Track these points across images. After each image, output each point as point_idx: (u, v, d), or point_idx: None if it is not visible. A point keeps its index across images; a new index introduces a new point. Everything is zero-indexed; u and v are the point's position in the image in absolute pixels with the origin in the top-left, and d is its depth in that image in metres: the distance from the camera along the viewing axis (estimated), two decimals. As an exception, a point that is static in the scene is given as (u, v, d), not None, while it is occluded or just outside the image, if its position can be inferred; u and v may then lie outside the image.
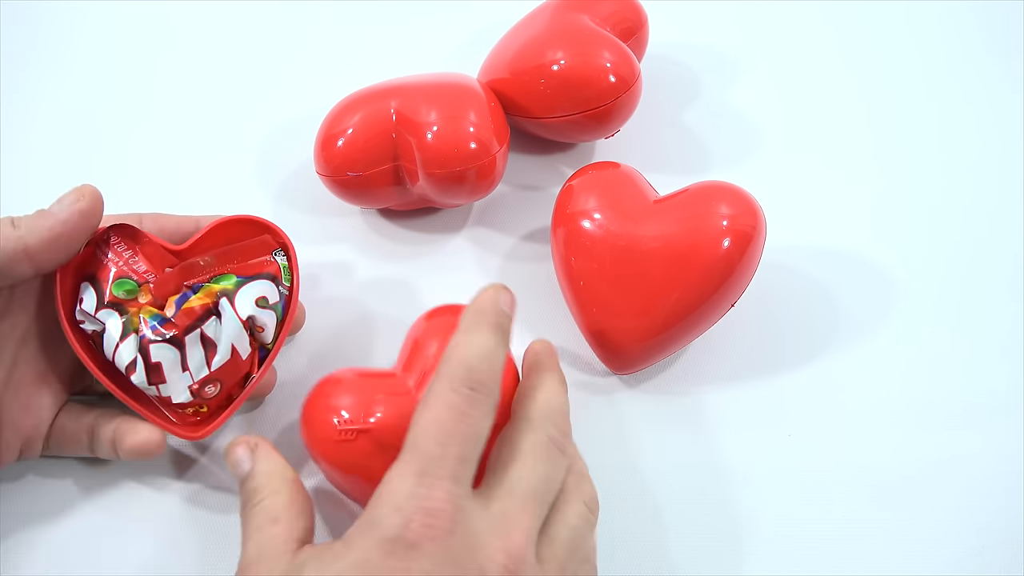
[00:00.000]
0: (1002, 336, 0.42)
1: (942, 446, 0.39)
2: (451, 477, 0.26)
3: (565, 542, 0.29)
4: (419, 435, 0.27)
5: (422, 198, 0.42)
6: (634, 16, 0.44)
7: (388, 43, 0.52)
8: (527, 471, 0.29)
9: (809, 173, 0.47)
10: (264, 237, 0.36)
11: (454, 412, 0.27)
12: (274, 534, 0.28)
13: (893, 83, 0.51)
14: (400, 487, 0.26)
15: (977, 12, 0.53)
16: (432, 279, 0.43)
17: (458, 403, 0.28)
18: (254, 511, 0.29)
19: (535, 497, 0.28)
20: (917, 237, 0.45)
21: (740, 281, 0.37)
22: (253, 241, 0.36)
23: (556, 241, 0.39)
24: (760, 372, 0.41)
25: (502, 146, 0.40)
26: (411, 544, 0.25)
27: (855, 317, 0.42)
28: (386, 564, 0.25)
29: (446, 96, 0.40)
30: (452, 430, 0.27)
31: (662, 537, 0.37)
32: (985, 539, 0.37)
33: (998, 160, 0.48)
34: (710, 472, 0.38)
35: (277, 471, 0.30)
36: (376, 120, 0.40)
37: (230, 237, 0.36)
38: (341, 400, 0.32)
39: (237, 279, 0.35)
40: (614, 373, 0.40)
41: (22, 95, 0.49)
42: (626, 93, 0.41)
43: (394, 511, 0.26)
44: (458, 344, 0.29)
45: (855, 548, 0.37)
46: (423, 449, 0.27)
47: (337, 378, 0.33)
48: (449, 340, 0.30)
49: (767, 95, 0.50)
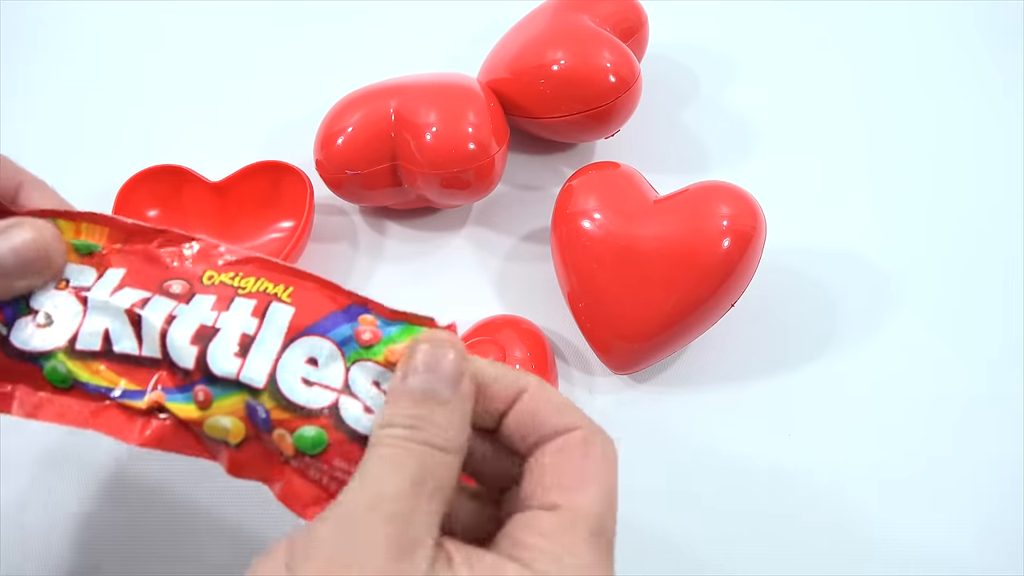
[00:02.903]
0: (1002, 335, 0.42)
1: (942, 445, 0.39)
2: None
3: None
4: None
5: (421, 198, 0.42)
6: (634, 16, 0.44)
7: (388, 43, 0.52)
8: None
9: (809, 173, 0.47)
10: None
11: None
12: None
13: (892, 83, 0.51)
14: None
15: (976, 12, 0.53)
16: (432, 279, 0.43)
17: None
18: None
19: None
20: (917, 237, 0.45)
21: (740, 281, 0.37)
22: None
23: (556, 241, 0.39)
24: (760, 372, 0.41)
25: (501, 147, 0.40)
26: None
27: (855, 317, 0.42)
28: None
29: (445, 96, 0.40)
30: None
31: (662, 537, 0.37)
32: (985, 538, 0.37)
33: (998, 160, 0.48)
34: (710, 472, 0.38)
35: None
36: (375, 119, 0.40)
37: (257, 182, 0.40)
38: None
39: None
40: (614, 373, 0.40)
41: (18, 95, 0.49)
42: (626, 93, 0.41)
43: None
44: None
45: (855, 548, 0.37)
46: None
47: None
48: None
49: (767, 95, 0.50)
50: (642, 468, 0.38)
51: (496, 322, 0.39)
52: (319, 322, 0.25)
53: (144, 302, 0.26)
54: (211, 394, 0.25)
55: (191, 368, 0.25)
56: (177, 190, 0.42)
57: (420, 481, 0.22)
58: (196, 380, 0.25)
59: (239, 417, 0.25)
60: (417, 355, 0.24)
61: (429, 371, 0.23)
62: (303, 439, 0.24)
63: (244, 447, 0.25)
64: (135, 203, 0.41)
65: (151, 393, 0.25)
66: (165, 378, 0.25)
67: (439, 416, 0.23)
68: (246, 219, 0.43)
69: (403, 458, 0.22)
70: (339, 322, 0.25)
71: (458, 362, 0.24)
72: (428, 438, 0.22)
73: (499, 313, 0.41)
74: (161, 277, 0.27)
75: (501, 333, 0.38)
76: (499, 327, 0.39)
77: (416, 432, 0.22)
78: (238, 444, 0.25)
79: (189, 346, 0.25)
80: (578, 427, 0.24)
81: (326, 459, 0.24)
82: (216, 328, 0.25)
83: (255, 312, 0.25)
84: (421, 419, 0.23)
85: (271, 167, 0.42)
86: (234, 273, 0.27)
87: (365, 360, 0.25)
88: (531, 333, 0.39)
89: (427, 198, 0.41)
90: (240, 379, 0.24)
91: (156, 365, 0.26)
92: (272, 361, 0.25)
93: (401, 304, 0.25)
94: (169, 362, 0.25)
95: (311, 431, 0.24)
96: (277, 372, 0.24)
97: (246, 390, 0.24)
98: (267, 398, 0.24)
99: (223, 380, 0.25)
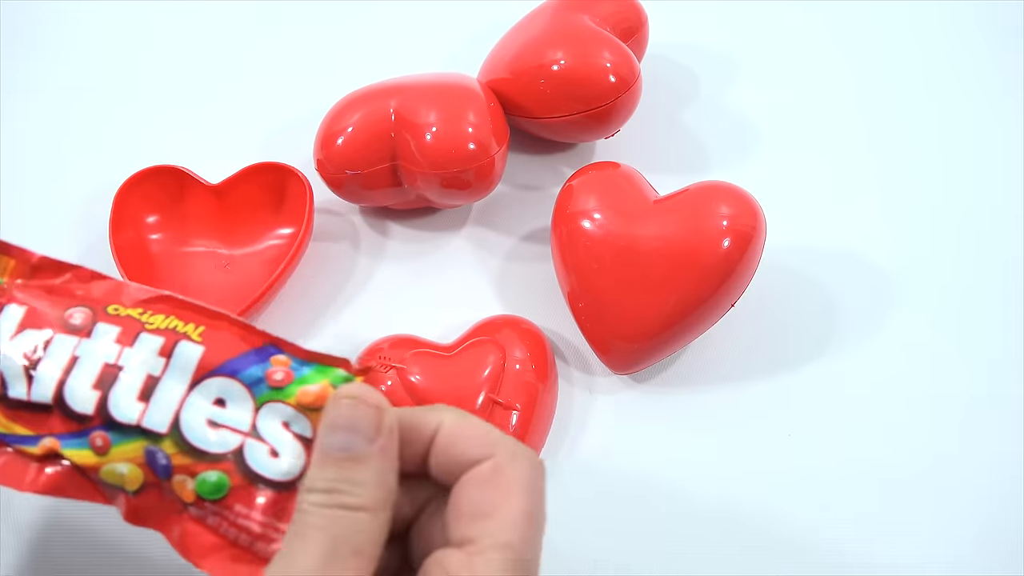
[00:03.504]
0: (1002, 335, 0.42)
1: (942, 445, 0.39)
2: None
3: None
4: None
5: (421, 198, 0.42)
6: (634, 16, 0.44)
7: (388, 43, 0.51)
8: None
9: (809, 173, 0.47)
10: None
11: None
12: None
13: (892, 83, 0.50)
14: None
15: (977, 12, 0.53)
16: (432, 279, 0.43)
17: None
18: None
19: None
20: (917, 237, 0.45)
21: (740, 281, 0.37)
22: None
23: (556, 241, 0.39)
24: (760, 372, 0.41)
25: (501, 147, 0.40)
26: None
27: (855, 317, 0.42)
28: None
29: (445, 96, 0.40)
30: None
31: (662, 536, 0.37)
32: (985, 538, 0.37)
33: (998, 160, 0.48)
34: (710, 472, 0.38)
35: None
36: (375, 119, 0.40)
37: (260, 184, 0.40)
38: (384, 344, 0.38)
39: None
40: (614, 373, 0.40)
41: (17, 95, 0.49)
42: (626, 93, 0.41)
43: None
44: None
45: (855, 547, 0.37)
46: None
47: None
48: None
49: (767, 95, 0.50)
50: (642, 468, 0.38)
51: (496, 322, 0.39)
52: (229, 362, 0.25)
53: (46, 344, 0.25)
54: (109, 440, 0.24)
55: (90, 414, 0.24)
56: (176, 192, 0.42)
57: (332, 552, 0.21)
58: (95, 426, 0.24)
59: (137, 464, 0.24)
60: (331, 412, 0.23)
61: (346, 429, 0.23)
62: (204, 484, 0.24)
63: (142, 494, 0.25)
64: (133, 205, 0.41)
65: (45, 439, 0.25)
66: (58, 424, 0.25)
67: (358, 475, 0.22)
68: (246, 222, 0.42)
69: (316, 530, 0.22)
70: (251, 362, 0.25)
71: (375, 416, 0.23)
72: (345, 500, 0.22)
73: (499, 313, 0.41)
74: (64, 306, 0.26)
75: (501, 333, 0.38)
76: (499, 327, 0.39)
77: (333, 496, 0.22)
78: (135, 491, 0.25)
79: (91, 391, 0.24)
80: (490, 456, 0.23)
81: (227, 504, 0.24)
82: (119, 367, 0.25)
83: (162, 351, 0.25)
84: (340, 480, 0.22)
85: (271, 168, 0.42)
86: (143, 309, 0.26)
87: (275, 402, 0.25)
88: (531, 333, 0.39)
89: (427, 198, 0.41)
90: (142, 425, 0.24)
91: (48, 411, 0.25)
92: (176, 404, 0.24)
93: (401, 304, 0.25)
94: (64, 408, 0.25)
95: (213, 475, 0.24)
96: (181, 415, 0.24)
97: (147, 436, 0.24)
98: (169, 444, 0.24)
99: (123, 426, 0.24)
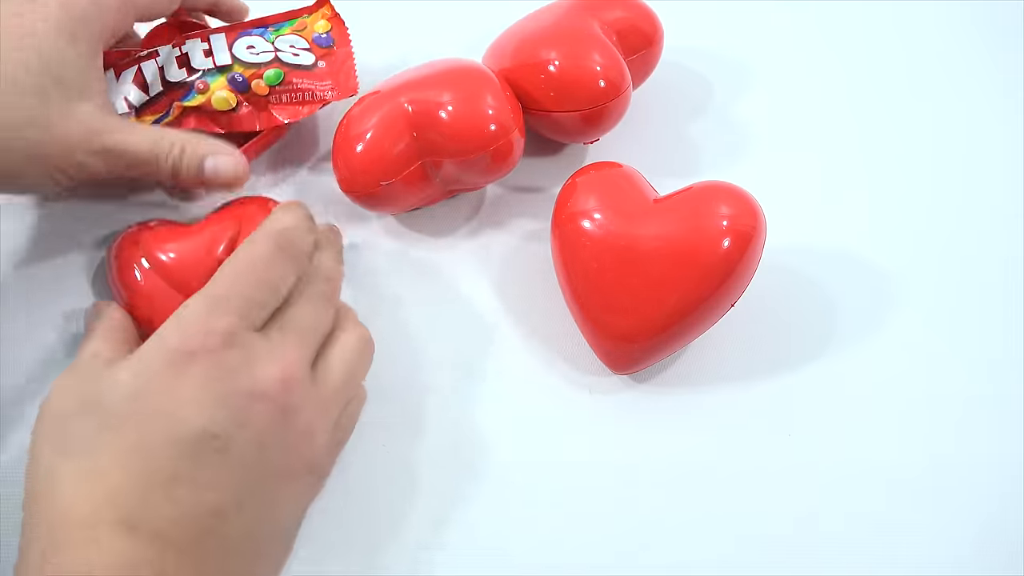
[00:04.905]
0: (1002, 335, 0.42)
1: (942, 445, 0.39)
2: (238, 313, 0.29)
3: (340, 369, 0.32)
4: (218, 276, 0.31)
5: (442, 189, 0.42)
6: (648, 26, 0.44)
7: (388, 43, 0.51)
8: (300, 311, 0.32)
9: (809, 173, 0.47)
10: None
11: (254, 262, 0.31)
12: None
13: (892, 83, 0.51)
14: (189, 313, 0.29)
15: (976, 12, 0.53)
16: (432, 279, 0.43)
17: (261, 254, 0.31)
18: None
19: (310, 332, 0.32)
20: (917, 237, 0.45)
21: (740, 281, 0.37)
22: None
23: (556, 241, 0.39)
24: (760, 372, 0.41)
25: (517, 118, 0.39)
26: (189, 353, 0.28)
27: (855, 317, 0.42)
28: (165, 371, 0.28)
29: (454, 81, 0.40)
30: (248, 275, 0.31)
31: (662, 536, 0.37)
32: (985, 538, 0.37)
33: (997, 160, 0.48)
34: (710, 472, 0.38)
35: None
36: (394, 122, 0.39)
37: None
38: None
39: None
40: (614, 372, 0.40)
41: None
42: (616, 99, 0.40)
43: (178, 329, 0.29)
44: (273, 215, 0.34)
45: (856, 547, 0.37)
46: (218, 287, 0.30)
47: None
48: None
49: (767, 96, 0.50)
50: (642, 468, 0.38)
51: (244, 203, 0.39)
52: (243, 31, 0.41)
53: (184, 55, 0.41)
54: (207, 82, 0.40)
55: (187, 79, 0.40)
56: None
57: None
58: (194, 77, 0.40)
59: (228, 89, 0.40)
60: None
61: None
62: (269, 77, 0.40)
63: (239, 109, 0.41)
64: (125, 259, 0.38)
65: (173, 110, 0.40)
66: (174, 96, 0.40)
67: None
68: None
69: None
70: (255, 28, 0.42)
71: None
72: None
73: (499, 313, 0.41)
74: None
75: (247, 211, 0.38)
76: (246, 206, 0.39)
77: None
78: (234, 108, 0.41)
79: (177, 70, 0.40)
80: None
81: (287, 81, 0.41)
82: (186, 54, 0.40)
83: (204, 51, 0.41)
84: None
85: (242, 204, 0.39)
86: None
87: (280, 35, 0.41)
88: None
89: (453, 186, 0.41)
90: (217, 64, 0.40)
91: (164, 94, 0.40)
92: (227, 50, 0.40)
93: (400, 304, 0.25)
94: (170, 87, 0.40)
95: (272, 71, 0.41)
96: (234, 51, 0.40)
97: (223, 70, 0.40)
98: (238, 66, 0.40)
99: (207, 71, 0.40)
